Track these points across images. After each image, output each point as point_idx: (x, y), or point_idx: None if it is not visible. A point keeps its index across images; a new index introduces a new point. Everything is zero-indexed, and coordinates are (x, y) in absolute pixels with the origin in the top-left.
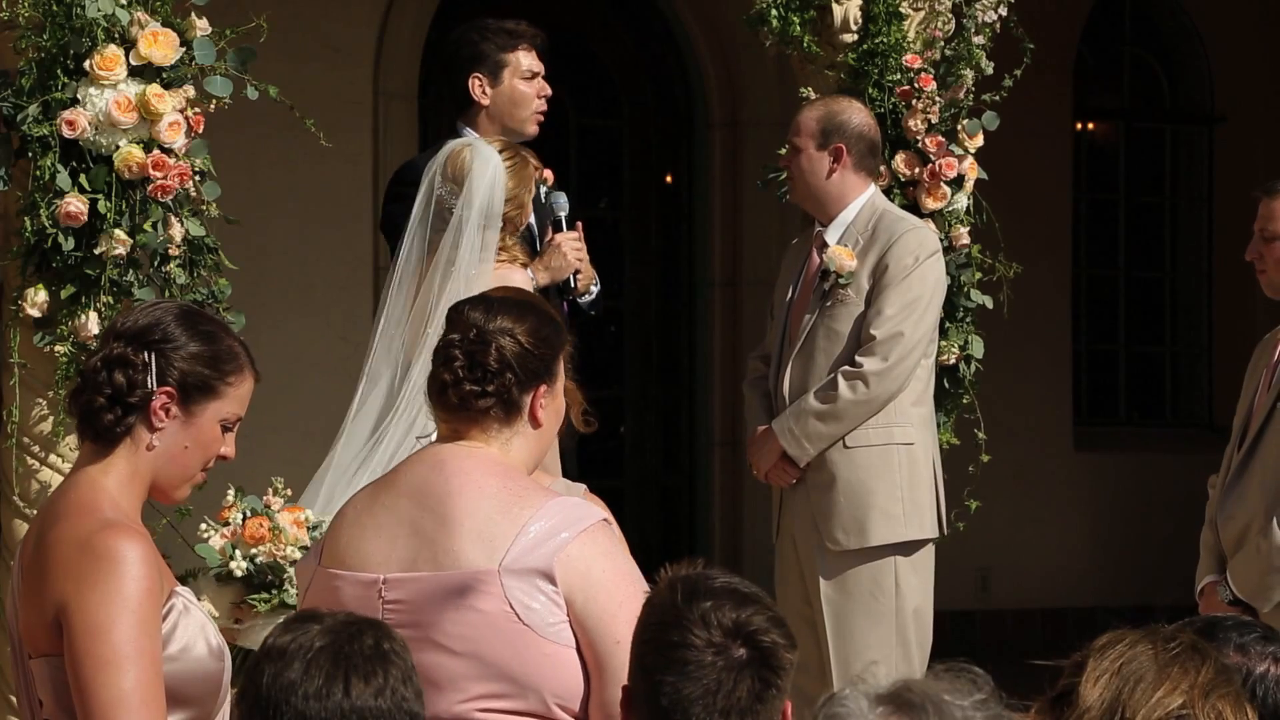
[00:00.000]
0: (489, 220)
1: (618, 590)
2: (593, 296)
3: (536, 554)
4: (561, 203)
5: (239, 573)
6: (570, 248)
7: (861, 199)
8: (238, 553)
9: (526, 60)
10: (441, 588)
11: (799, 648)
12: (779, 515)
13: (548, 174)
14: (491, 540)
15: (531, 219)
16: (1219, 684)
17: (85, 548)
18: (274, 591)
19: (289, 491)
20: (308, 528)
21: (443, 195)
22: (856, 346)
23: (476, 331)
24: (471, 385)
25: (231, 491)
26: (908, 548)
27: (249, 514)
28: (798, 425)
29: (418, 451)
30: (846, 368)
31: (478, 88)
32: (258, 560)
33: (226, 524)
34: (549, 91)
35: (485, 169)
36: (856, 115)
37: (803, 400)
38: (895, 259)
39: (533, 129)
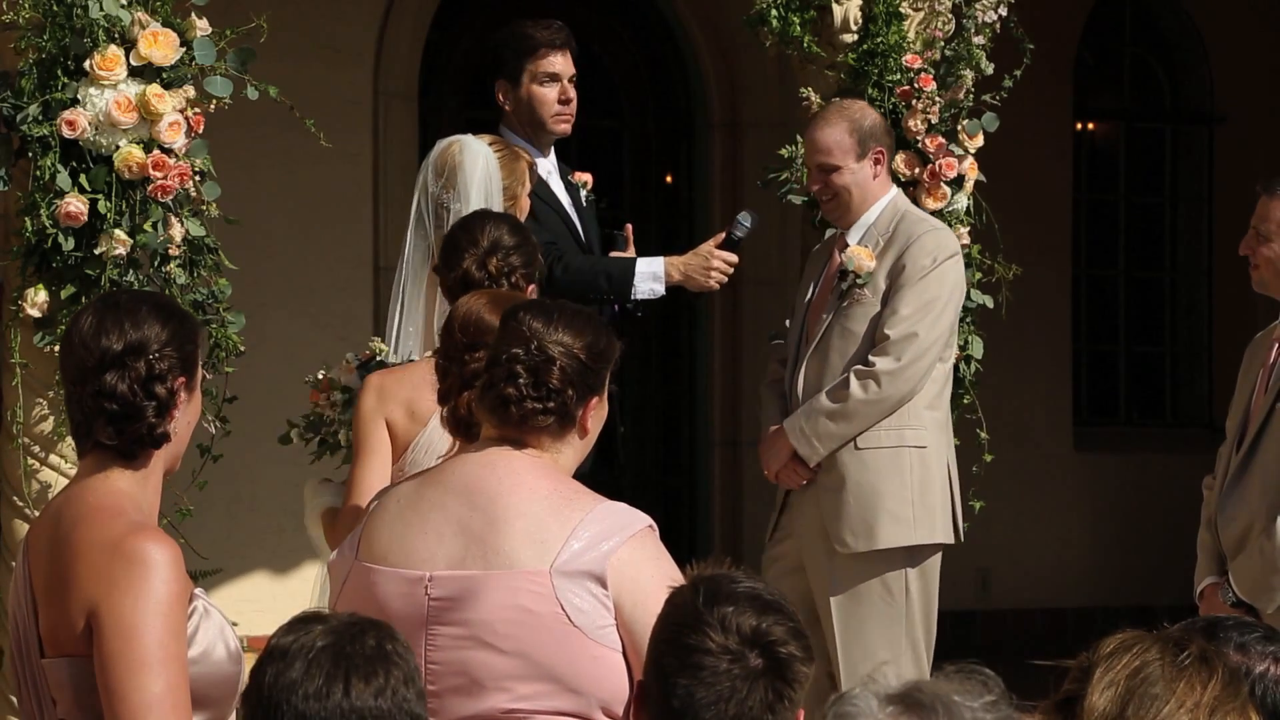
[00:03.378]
0: None
1: (665, 596)
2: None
3: (588, 557)
4: (747, 224)
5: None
6: (720, 269)
7: (884, 200)
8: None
9: (545, 65)
10: (491, 586)
11: None
12: (779, 515)
13: (586, 177)
14: (544, 542)
15: (575, 217)
16: (1225, 699)
17: (116, 551)
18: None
19: (385, 346)
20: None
21: (436, 193)
22: (871, 346)
23: (538, 345)
24: (534, 403)
25: (321, 373)
26: (917, 551)
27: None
28: (808, 424)
29: (466, 450)
30: (859, 367)
31: (501, 95)
32: (303, 430)
33: None
34: (569, 94)
35: (476, 163)
36: (873, 113)
37: (814, 400)
38: (912, 259)
39: (561, 128)
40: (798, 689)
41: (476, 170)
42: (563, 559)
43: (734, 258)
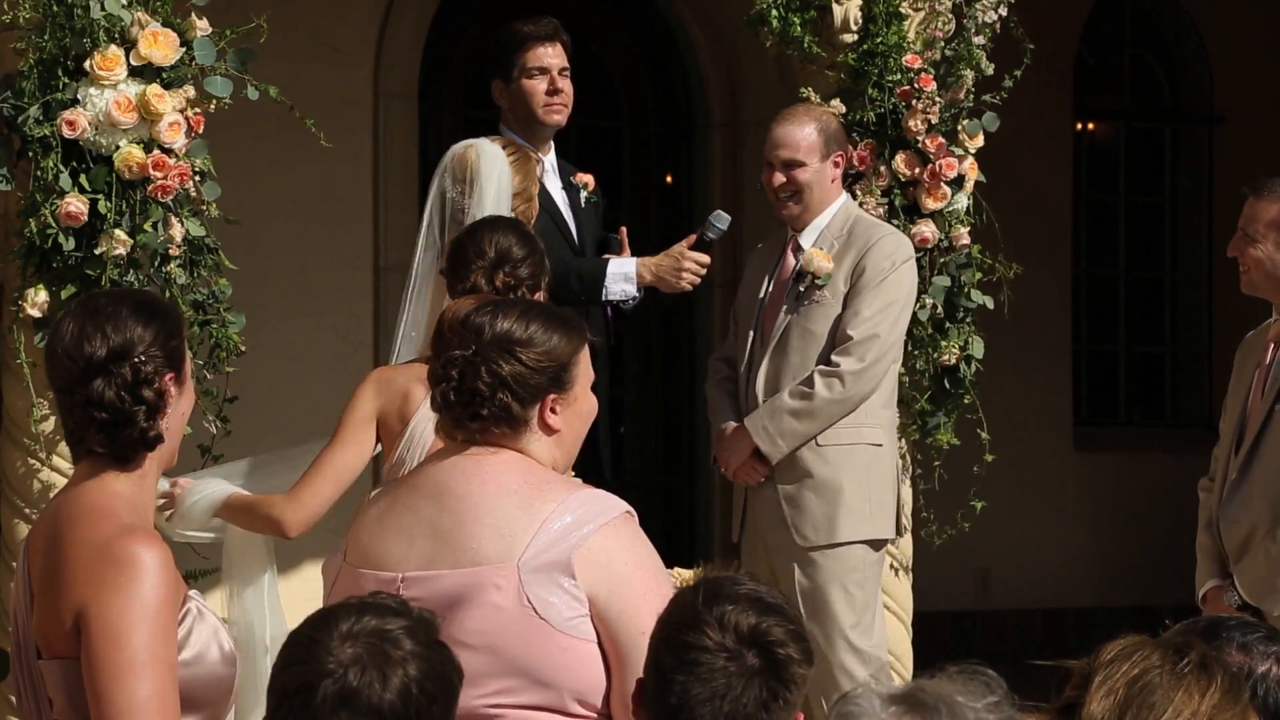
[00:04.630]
0: None
1: (640, 582)
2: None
3: (556, 549)
4: (720, 225)
5: None
6: (691, 270)
7: (837, 204)
8: None
9: (533, 58)
10: (460, 585)
11: None
12: (744, 513)
13: (588, 179)
14: (511, 537)
15: (569, 218)
16: (1224, 706)
17: (105, 553)
18: None
19: None
20: None
21: (453, 197)
22: (832, 347)
23: (475, 349)
24: (461, 408)
25: None
26: (872, 544)
27: None
28: (772, 422)
29: (438, 451)
30: (823, 367)
31: (496, 91)
32: None
33: None
34: (558, 85)
35: (492, 167)
36: (836, 120)
37: (777, 398)
38: (872, 263)
39: (554, 119)
40: (794, 690)
41: (494, 175)
42: (530, 553)
43: (706, 259)
